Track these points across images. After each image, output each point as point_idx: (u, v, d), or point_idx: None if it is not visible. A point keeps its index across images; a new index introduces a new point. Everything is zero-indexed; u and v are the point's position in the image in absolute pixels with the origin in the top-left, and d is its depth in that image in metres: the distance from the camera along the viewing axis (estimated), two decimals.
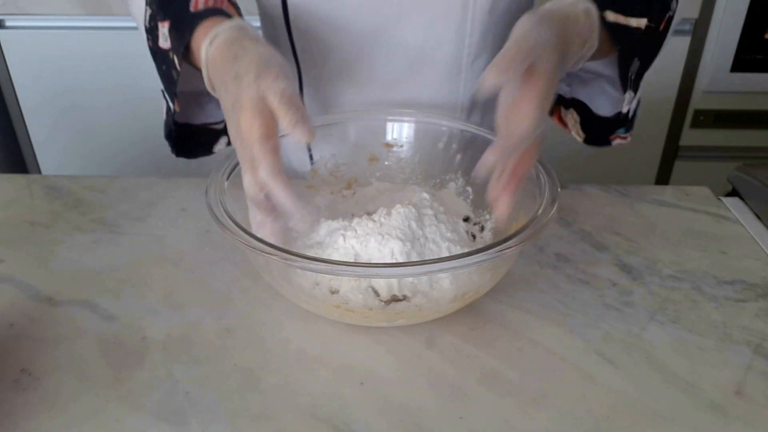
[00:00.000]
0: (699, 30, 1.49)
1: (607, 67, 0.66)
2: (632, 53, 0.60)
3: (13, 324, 0.56)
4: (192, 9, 0.58)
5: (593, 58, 0.59)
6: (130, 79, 1.47)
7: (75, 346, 0.54)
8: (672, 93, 1.55)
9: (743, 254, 0.66)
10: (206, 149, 0.69)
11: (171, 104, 0.63)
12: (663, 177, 1.66)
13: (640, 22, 0.59)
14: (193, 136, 0.67)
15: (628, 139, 0.69)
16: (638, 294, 0.60)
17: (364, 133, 0.71)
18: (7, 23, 1.44)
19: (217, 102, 0.59)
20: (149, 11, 0.62)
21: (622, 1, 0.59)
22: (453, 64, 0.74)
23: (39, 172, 1.61)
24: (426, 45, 0.73)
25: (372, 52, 0.74)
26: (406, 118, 0.70)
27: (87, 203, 0.74)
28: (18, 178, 0.79)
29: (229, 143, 0.68)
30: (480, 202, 0.65)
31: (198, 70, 0.57)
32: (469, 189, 0.68)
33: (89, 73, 1.47)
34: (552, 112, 0.72)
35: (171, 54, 0.59)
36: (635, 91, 0.62)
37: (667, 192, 0.76)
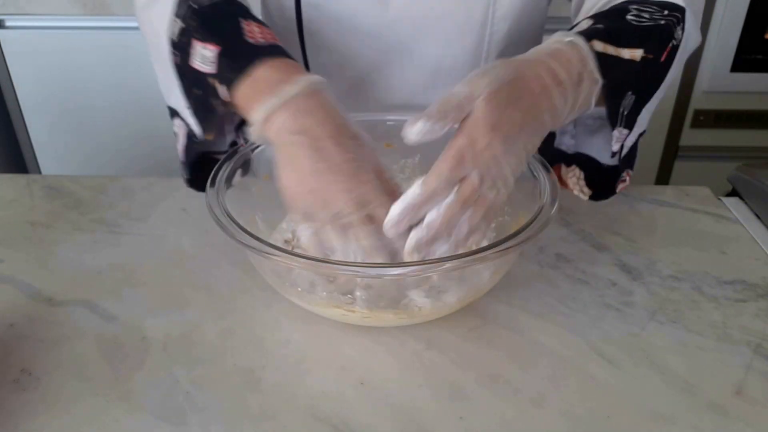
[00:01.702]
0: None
1: None
2: (624, 86, 0.56)
3: (13, 324, 0.56)
4: (250, 39, 0.55)
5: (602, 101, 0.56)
6: (130, 79, 1.47)
7: (75, 346, 0.54)
8: (672, 93, 1.55)
9: (743, 254, 0.66)
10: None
11: (199, 130, 0.59)
12: (663, 177, 1.66)
13: (635, 54, 0.55)
14: (206, 164, 0.62)
15: (628, 180, 0.65)
16: (638, 294, 0.60)
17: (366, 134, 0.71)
18: (7, 23, 1.44)
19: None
20: (180, 24, 0.57)
21: (614, 32, 0.56)
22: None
23: (39, 172, 1.61)
24: (443, 62, 0.72)
25: (388, 69, 0.73)
26: (406, 118, 0.70)
27: (87, 203, 0.74)
28: (18, 178, 0.79)
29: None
30: None
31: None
32: None
33: (89, 73, 1.47)
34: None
35: (214, 81, 0.55)
36: (630, 127, 0.58)
37: (667, 192, 0.76)
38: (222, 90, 0.55)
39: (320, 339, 0.55)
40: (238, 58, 0.54)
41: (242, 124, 0.64)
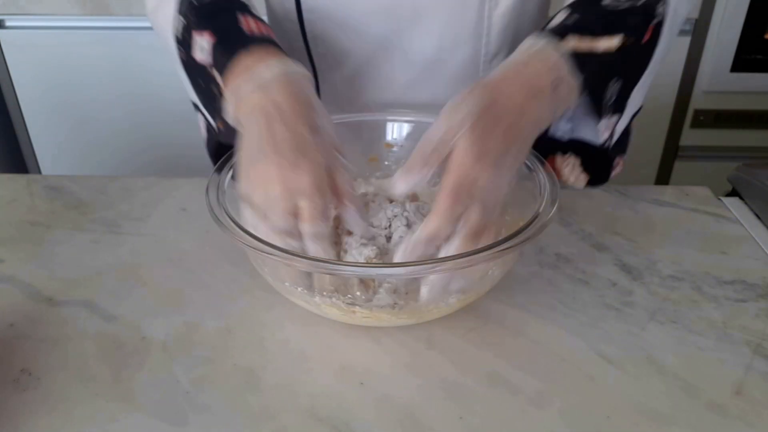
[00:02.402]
0: (699, 30, 1.49)
1: None
2: (604, 78, 0.55)
3: (13, 324, 0.56)
4: (245, 30, 0.57)
5: None
6: (130, 79, 1.47)
7: (75, 346, 0.54)
8: (672, 93, 1.55)
9: (743, 254, 0.66)
10: None
11: (213, 122, 0.61)
12: (663, 177, 1.66)
13: (611, 43, 0.54)
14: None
15: (620, 167, 0.64)
16: (638, 294, 0.60)
17: (364, 133, 0.71)
18: (7, 23, 1.44)
19: None
20: (182, 21, 0.60)
21: (588, 23, 0.55)
22: (470, 64, 0.74)
23: (39, 172, 1.61)
24: (442, 47, 0.72)
25: (388, 56, 0.74)
26: (406, 118, 0.70)
27: (87, 203, 0.74)
28: (18, 178, 0.79)
29: None
30: None
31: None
32: None
33: (89, 73, 1.47)
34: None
35: (211, 69, 0.57)
36: (620, 111, 0.58)
37: (667, 192, 0.76)
38: (218, 78, 0.56)
39: (320, 339, 0.55)
40: (231, 46, 0.56)
41: None
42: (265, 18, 0.78)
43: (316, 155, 0.50)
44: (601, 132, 0.58)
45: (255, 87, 0.53)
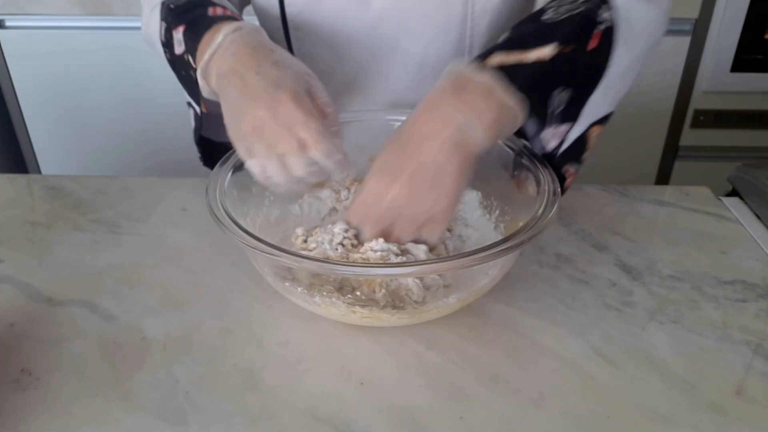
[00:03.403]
0: (699, 30, 1.49)
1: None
2: (542, 87, 0.55)
3: (13, 324, 0.56)
4: (211, 15, 0.59)
5: None
6: (129, 79, 1.47)
7: (75, 346, 0.54)
8: (672, 93, 1.55)
9: (743, 254, 0.66)
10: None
11: (197, 107, 0.63)
12: (663, 177, 1.66)
13: (543, 52, 0.54)
14: (214, 148, 0.67)
15: (574, 175, 0.63)
16: (638, 294, 0.60)
17: (364, 133, 0.71)
18: (7, 23, 1.44)
19: None
20: (164, 25, 0.63)
21: (517, 38, 0.56)
22: None
23: (39, 172, 1.61)
24: (427, 58, 0.73)
25: (375, 69, 0.74)
26: (405, 118, 0.70)
27: (87, 203, 0.74)
28: (18, 178, 0.79)
29: None
30: (483, 199, 0.65)
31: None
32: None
33: (89, 73, 1.47)
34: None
35: (186, 56, 0.60)
36: (572, 120, 0.58)
37: (667, 192, 0.76)
38: (191, 61, 0.59)
39: (320, 339, 0.55)
40: (197, 30, 0.59)
41: None
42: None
43: (291, 84, 0.53)
44: (546, 140, 0.59)
45: (213, 53, 0.56)
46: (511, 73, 0.53)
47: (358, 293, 0.54)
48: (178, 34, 0.61)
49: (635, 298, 0.60)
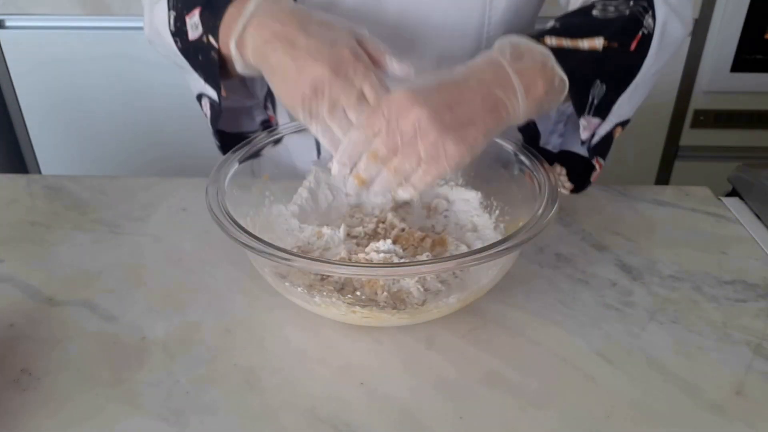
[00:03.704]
0: (699, 30, 1.49)
1: None
2: (588, 75, 0.57)
3: (13, 324, 0.56)
4: None
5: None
6: (130, 79, 1.47)
7: (75, 346, 0.54)
8: (672, 93, 1.55)
9: (743, 254, 0.66)
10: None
11: (214, 95, 0.62)
12: (663, 177, 1.66)
13: (594, 43, 0.56)
14: (233, 138, 0.67)
15: (599, 169, 0.65)
16: (638, 294, 0.60)
17: None
18: (7, 23, 1.44)
19: (250, 116, 0.60)
20: (174, 14, 0.62)
21: (572, 27, 0.57)
22: None
23: (39, 172, 1.61)
24: (444, 58, 0.73)
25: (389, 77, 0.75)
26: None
27: (87, 203, 0.74)
28: (18, 178, 0.79)
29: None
30: (483, 199, 0.65)
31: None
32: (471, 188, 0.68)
33: (89, 73, 1.47)
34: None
35: (206, 37, 0.59)
36: (603, 116, 0.59)
37: (667, 192, 0.76)
38: (213, 41, 0.58)
39: (320, 339, 0.55)
40: (216, 8, 0.58)
41: (267, 100, 0.69)
42: None
43: (346, 40, 0.53)
44: (582, 129, 0.60)
45: (246, 24, 0.55)
46: (565, 55, 0.55)
47: (358, 293, 0.54)
48: (193, 18, 0.60)
49: (635, 298, 0.60)
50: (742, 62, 1.50)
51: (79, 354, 0.54)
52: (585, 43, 0.56)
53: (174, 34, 0.62)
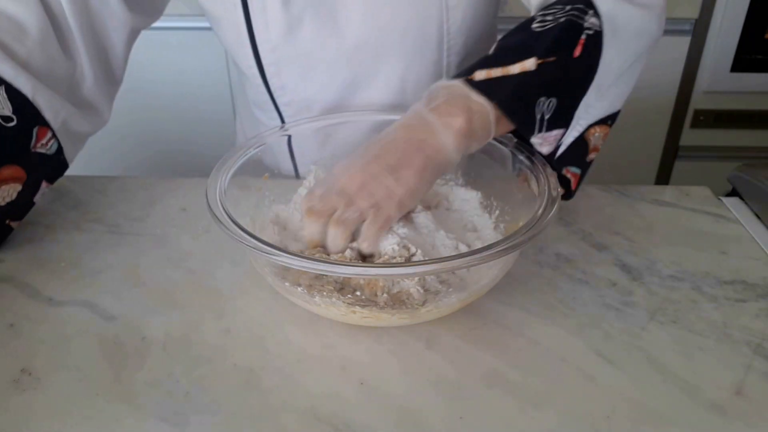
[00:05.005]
0: (699, 30, 1.49)
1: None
2: (529, 95, 0.56)
3: (13, 324, 0.56)
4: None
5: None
6: (129, 79, 1.46)
7: (75, 346, 0.54)
8: (672, 93, 1.56)
9: (743, 254, 0.66)
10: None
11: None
12: (663, 177, 1.66)
13: (525, 65, 0.55)
14: None
15: (576, 177, 0.64)
16: (638, 294, 0.60)
17: (361, 134, 0.71)
18: None
19: None
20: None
21: (500, 52, 0.57)
22: None
23: None
24: (406, 82, 0.74)
25: (355, 95, 0.75)
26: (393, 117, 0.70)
27: (87, 203, 0.74)
28: None
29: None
30: (483, 199, 0.65)
31: None
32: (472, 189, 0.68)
33: None
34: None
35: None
36: (565, 125, 0.59)
37: (667, 192, 0.76)
38: None
39: (320, 339, 0.55)
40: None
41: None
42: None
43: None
44: (538, 146, 0.59)
45: None
46: (497, 85, 0.55)
47: (358, 293, 0.54)
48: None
49: (635, 298, 0.60)
50: (742, 62, 1.50)
51: (79, 354, 0.54)
52: (516, 68, 0.55)
53: None
